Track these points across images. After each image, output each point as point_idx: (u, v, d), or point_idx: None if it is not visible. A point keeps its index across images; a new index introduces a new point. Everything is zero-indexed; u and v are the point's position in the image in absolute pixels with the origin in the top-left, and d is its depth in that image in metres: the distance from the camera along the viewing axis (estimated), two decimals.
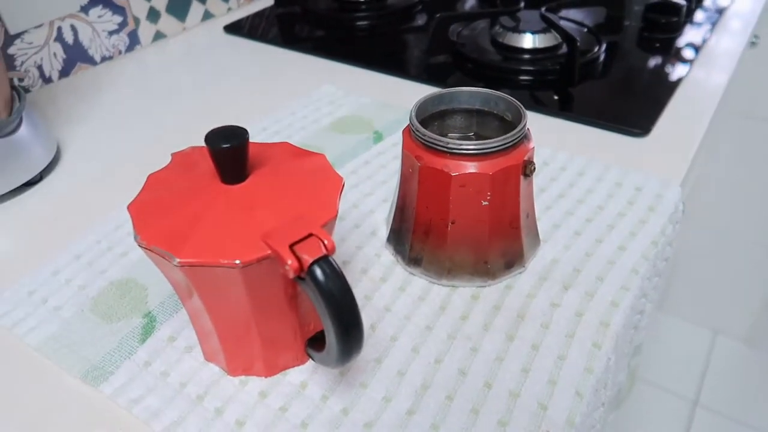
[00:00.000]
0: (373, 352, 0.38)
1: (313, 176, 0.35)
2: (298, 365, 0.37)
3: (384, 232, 0.47)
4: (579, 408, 0.35)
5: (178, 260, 0.29)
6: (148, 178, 0.35)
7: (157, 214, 0.32)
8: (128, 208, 0.33)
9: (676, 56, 0.72)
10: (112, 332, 0.40)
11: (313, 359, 0.35)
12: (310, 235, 0.30)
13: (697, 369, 1.43)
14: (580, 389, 0.35)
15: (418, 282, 0.43)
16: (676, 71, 0.69)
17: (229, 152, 0.31)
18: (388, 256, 0.45)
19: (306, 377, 0.37)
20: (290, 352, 0.37)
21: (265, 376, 0.37)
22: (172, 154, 0.37)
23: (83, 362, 0.38)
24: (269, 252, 0.29)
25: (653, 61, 0.72)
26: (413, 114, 0.41)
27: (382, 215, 0.49)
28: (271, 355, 0.36)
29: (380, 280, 0.43)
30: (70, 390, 0.37)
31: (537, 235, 0.45)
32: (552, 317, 0.40)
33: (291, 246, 0.29)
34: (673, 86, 0.66)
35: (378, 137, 0.59)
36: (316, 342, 0.35)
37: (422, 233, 0.42)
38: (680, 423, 1.30)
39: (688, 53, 0.73)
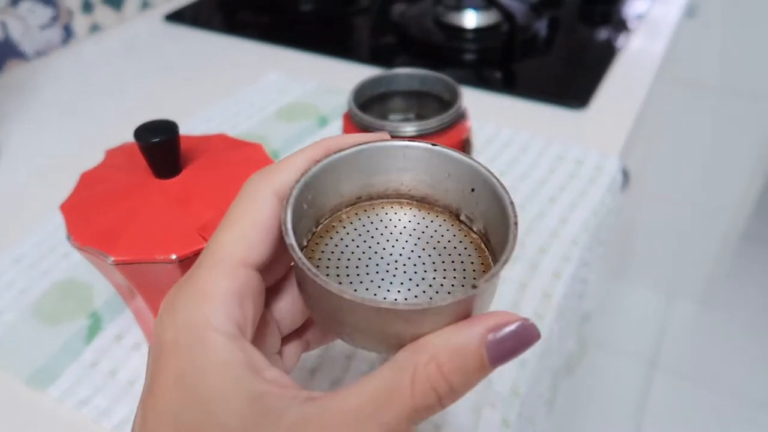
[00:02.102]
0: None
1: (250, 167, 0.34)
2: None
3: None
4: (523, 377, 0.36)
5: (112, 259, 0.29)
6: (81, 176, 0.34)
7: (90, 213, 0.31)
8: (61, 208, 0.32)
9: (615, 28, 0.74)
10: (56, 334, 0.39)
11: None
12: None
13: (653, 333, 1.48)
14: (524, 358, 0.37)
15: None
16: (615, 43, 0.70)
17: (160, 146, 0.31)
18: None
19: None
20: None
21: None
22: (106, 151, 0.36)
23: (28, 366, 0.37)
24: (205, 244, 0.29)
25: (593, 34, 0.73)
26: (351, 98, 0.41)
27: None
28: None
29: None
30: (15, 395, 0.36)
31: None
32: (498, 290, 0.41)
33: None
34: (610, 58, 0.67)
35: (323, 122, 0.59)
36: None
37: None
38: (639, 385, 1.35)
39: (627, 24, 0.74)
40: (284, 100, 0.63)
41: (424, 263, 0.23)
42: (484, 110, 0.60)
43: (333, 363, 0.37)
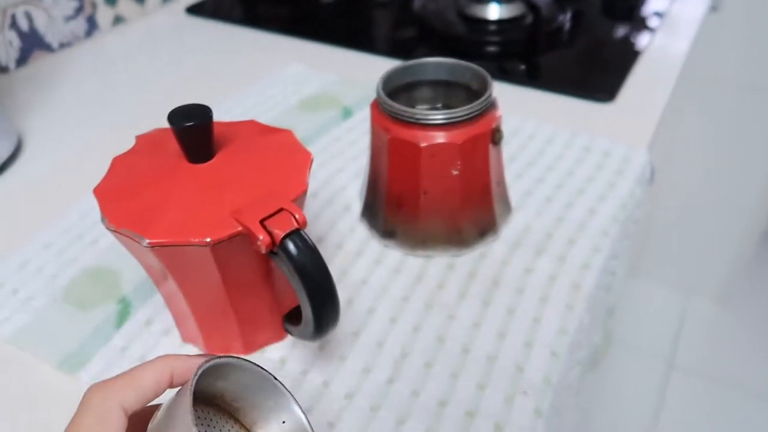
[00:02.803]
0: (351, 326, 0.38)
1: (281, 152, 0.34)
2: (276, 342, 0.37)
3: (357, 207, 0.48)
4: (555, 368, 0.35)
5: (147, 241, 0.29)
6: (112, 161, 0.34)
7: (123, 197, 0.31)
8: (94, 191, 0.32)
9: (639, 23, 0.73)
10: (86, 320, 0.39)
11: (290, 334, 0.35)
12: (281, 209, 0.30)
13: (671, 331, 1.46)
14: (555, 350, 0.36)
15: (393, 254, 0.43)
16: (640, 38, 0.70)
17: (193, 130, 0.31)
18: (362, 230, 0.45)
19: (285, 353, 0.37)
20: (267, 329, 0.37)
21: (245, 354, 0.37)
22: (136, 137, 0.36)
23: (59, 351, 0.37)
24: (240, 228, 0.29)
25: (617, 29, 0.72)
26: (380, 86, 0.40)
27: (355, 191, 0.49)
28: (248, 333, 0.36)
29: (355, 254, 0.43)
30: (47, 380, 0.36)
31: (509, 202, 0.45)
32: (526, 282, 0.40)
33: (262, 221, 0.29)
34: (637, 52, 0.67)
35: (347, 113, 0.59)
36: (292, 317, 0.35)
37: (394, 206, 0.42)
38: (656, 384, 1.34)
39: (651, 20, 0.74)
40: (306, 91, 0.63)
41: None
42: (508, 102, 0.60)
43: (363, 350, 0.37)
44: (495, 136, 0.40)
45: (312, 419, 0.33)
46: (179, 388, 0.24)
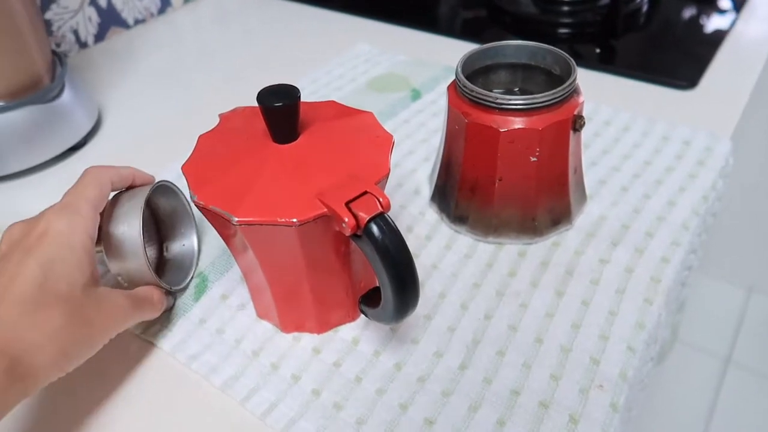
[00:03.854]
0: (423, 309, 0.38)
1: (363, 134, 0.34)
2: (349, 322, 0.38)
3: (427, 190, 0.47)
4: (631, 362, 0.35)
5: (236, 219, 0.29)
6: (198, 139, 0.35)
7: (211, 174, 0.32)
8: (182, 168, 0.33)
9: (721, 5, 0.69)
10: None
11: (366, 316, 0.35)
12: (365, 192, 0.30)
13: (730, 327, 1.41)
14: (631, 344, 0.35)
15: (463, 240, 0.43)
16: (722, 21, 0.66)
17: (282, 111, 0.31)
18: (432, 214, 0.45)
19: (357, 333, 0.37)
20: (341, 309, 0.37)
21: (318, 333, 0.37)
22: (220, 115, 0.37)
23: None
24: (325, 210, 0.29)
25: (697, 11, 0.69)
26: (459, 69, 0.40)
27: (425, 174, 0.49)
28: (323, 312, 0.37)
29: (426, 238, 0.43)
30: (128, 345, 0.38)
31: (584, 191, 0.44)
32: (602, 273, 0.40)
33: (347, 204, 0.29)
34: (719, 37, 0.63)
35: (416, 95, 0.59)
36: (369, 299, 0.35)
37: (468, 191, 0.42)
38: (713, 380, 1.30)
39: (733, 3, 0.70)
40: (375, 71, 0.63)
41: None
42: (581, 87, 0.58)
43: (435, 335, 0.37)
44: (576, 123, 0.39)
45: (384, 401, 0.34)
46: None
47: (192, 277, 0.41)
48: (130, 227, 0.35)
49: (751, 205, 1.31)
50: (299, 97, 0.31)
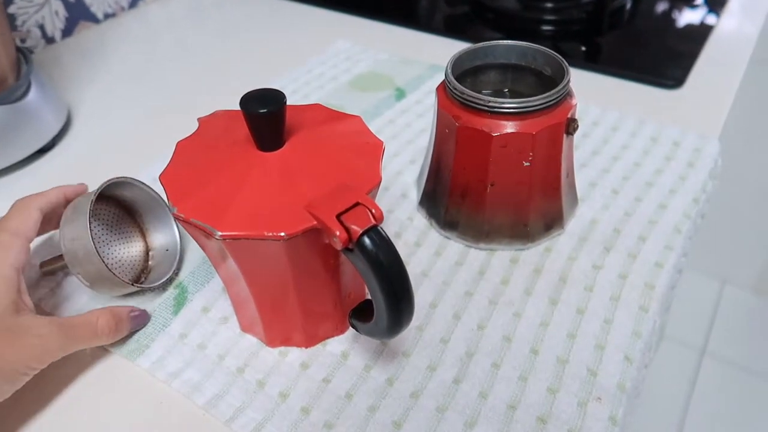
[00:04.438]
0: (415, 320, 0.37)
1: (351, 140, 0.33)
2: (338, 335, 0.36)
3: (414, 194, 0.46)
4: (629, 373, 0.34)
5: (220, 233, 0.28)
6: (176, 145, 0.33)
7: (191, 184, 0.30)
8: (160, 178, 0.31)
9: (705, 3, 0.69)
10: (143, 304, 0.39)
11: (358, 331, 0.34)
12: (357, 204, 0.28)
13: (705, 318, 1.43)
14: (629, 354, 0.35)
15: (454, 246, 0.42)
16: (706, 19, 0.66)
17: (267, 118, 0.29)
18: (421, 219, 0.44)
19: (346, 347, 0.36)
20: (330, 322, 0.36)
21: (305, 347, 0.36)
22: (199, 119, 0.35)
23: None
24: (315, 223, 0.28)
25: (681, 9, 0.69)
26: (449, 70, 0.38)
27: (412, 177, 0.48)
28: (310, 325, 0.35)
29: (415, 244, 0.42)
30: (104, 363, 0.36)
31: (575, 194, 0.43)
32: (595, 280, 0.39)
33: (338, 216, 0.27)
34: (704, 34, 0.63)
35: (400, 94, 0.57)
36: (360, 312, 0.34)
37: (459, 196, 0.40)
38: (688, 371, 1.32)
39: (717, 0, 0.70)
40: (356, 69, 0.61)
41: None
42: None
43: (427, 347, 0.36)
44: (570, 126, 0.38)
45: (377, 419, 0.32)
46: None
47: (175, 270, 0.40)
48: (78, 231, 0.35)
49: (726, 199, 1.33)
50: (285, 102, 0.30)
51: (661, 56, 0.60)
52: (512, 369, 0.34)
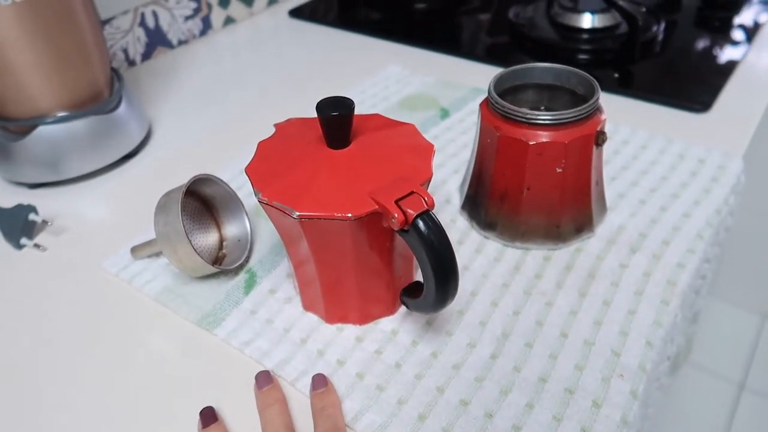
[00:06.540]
0: (456, 305, 0.42)
1: (406, 142, 0.38)
2: (388, 315, 0.41)
3: (457, 200, 0.51)
4: (650, 356, 0.38)
5: (297, 213, 0.33)
6: (258, 144, 0.39)
7: (272, 175, 0.36)
8: (246, 170, 0.37)
9: (734, 35, 0.73)
10: (218, 285, 0.44)
11: (407, 306, 0.39)
12: (412, 192, 0.33)
13: (744, 353, 1.42)
14: (650, 340, 0.38)
15: (492, 245, 0.46)
16: (735, 50, 0.70)
17: (338, 119, 0.35)
18: (462, 221, 0.49)
19: (396, 325, 0.41)
20: (382, 303, 0.41)
21: (359, 324, 0.41)
22: (275, 125, 0.41)
23: (197, 310, 0.42)
24: (377, 207, 0.33)
25: (711, 40, 0.73)
26: (491, 87, 0.44)
27: (455, 185, 0.53)
28: (365, 305, 0.40)
29: (457, 242, 0.47)
30: (188, 333, 0.41)
31: (604, 202, 0.48)
32: (621, 276, 0.43)
33: (396, 201, 0.33)
34: (731, 65, 0.67)
35: (445, 114, 0.63)
36: (409, 292, 0.39)
37: (498, 199, 0.45)
38: (726, 406, 1.31)
39: (746, 32, 0.74)
40: (406, 91, 0.67)
41: None
42: None
43: (468, 328, 0.40)
44: (599, 138, 0.43)
45: (423, 384, 0.37)
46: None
47: (246, 258, 0.46)
48: (171, 217, 0.41)
49: (765, 231, 1.33)
50: (353, 107, 0.35)
51: (690, 82, 0.64)
52: (544, 348, 0.38)
